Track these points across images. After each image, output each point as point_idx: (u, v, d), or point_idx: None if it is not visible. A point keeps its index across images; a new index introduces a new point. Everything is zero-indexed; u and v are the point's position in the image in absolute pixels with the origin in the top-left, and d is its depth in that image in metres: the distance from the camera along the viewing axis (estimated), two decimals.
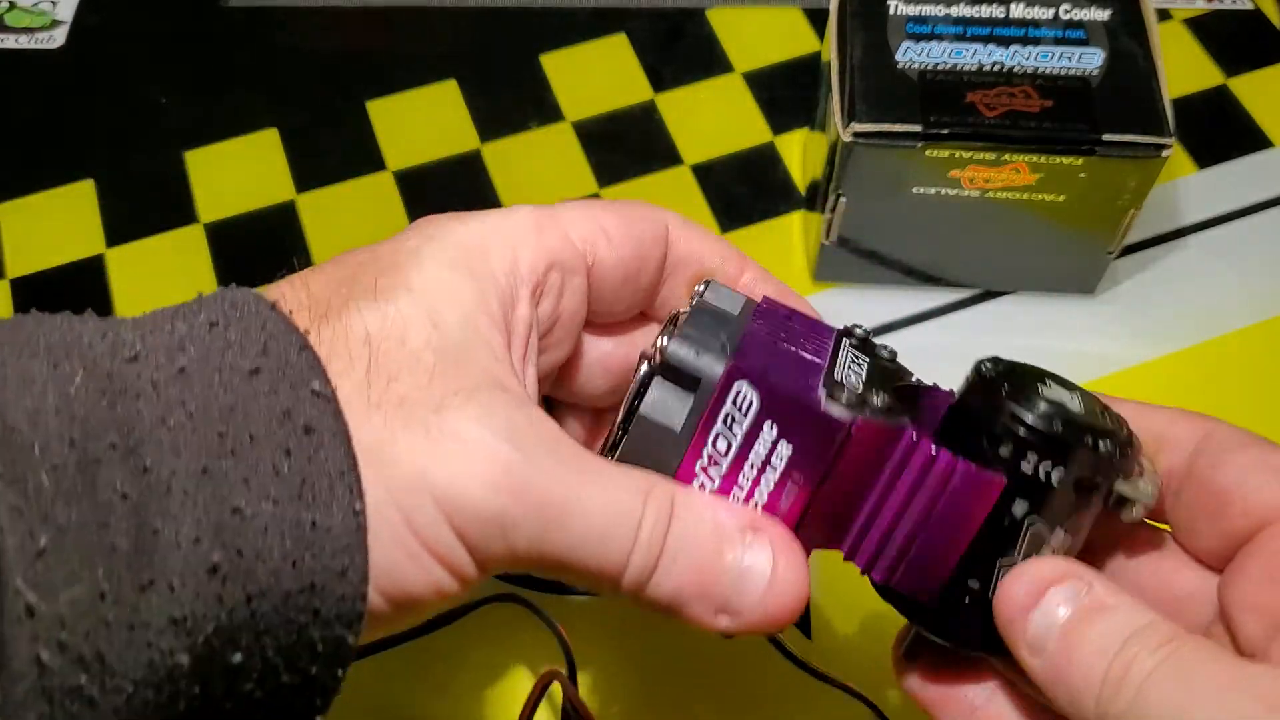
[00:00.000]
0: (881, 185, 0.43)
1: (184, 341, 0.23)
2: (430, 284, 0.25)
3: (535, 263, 0.27)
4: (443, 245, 0.26)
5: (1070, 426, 0.25)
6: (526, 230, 0.27)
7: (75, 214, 0.51)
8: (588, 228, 0.28)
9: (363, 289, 0.25)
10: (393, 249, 0.26)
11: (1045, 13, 0.44)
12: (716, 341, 0.26)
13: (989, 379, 0.26)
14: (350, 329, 0.24)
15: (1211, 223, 0.49)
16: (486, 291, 0.26)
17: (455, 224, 0.27)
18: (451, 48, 0.55)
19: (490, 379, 0.24)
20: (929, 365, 0.46)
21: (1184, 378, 0.46)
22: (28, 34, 0.56)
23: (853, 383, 0.26)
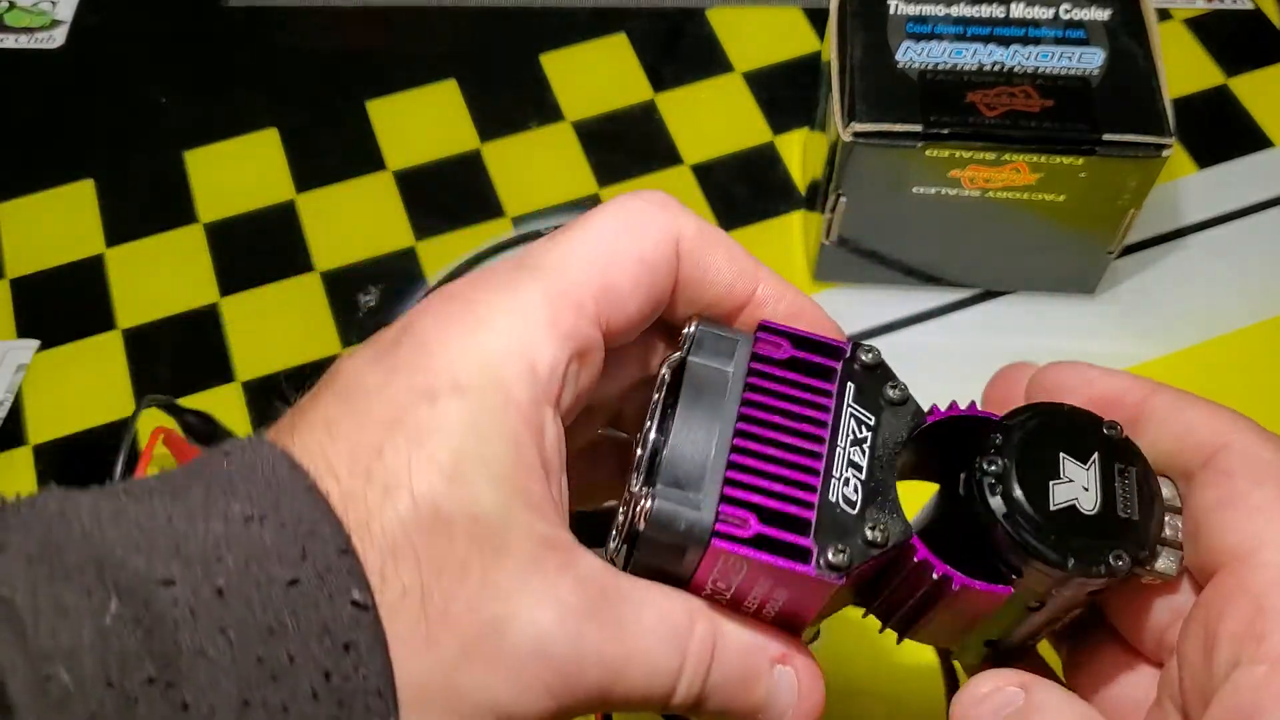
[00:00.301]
0: (881, 185, 0.43)
1: (220, 549, 0.22)
2: (461, 453, 0.23)
3: (555, 366, 0.25)
4: (461, 388, 0.24)
5: (1083, 556, 0.24)
6: (540, 328, 0.25)
7: (75, 214, 0.51)
8: (600, 287, 0.25)
9: (392, 468, 0.23)
10: (409, 396, 0.24)
11: (1045, 12, 0.44)
12: (697, 494, 0.25)
13: (991, 485, 0.25)
14: (385, 521, 0.23)
15: (1212, 223, 0.49)
16: (518, 437, 0.24)
17: (464, 337, 0.24)
18: (451, 47, 0.55)
19: (536, 555, 0.23)
20: (929, 365, 0.46)
21: (1185, 378, 0.45)
22: (27, 34, 0.56)
23: (849, 510, 0.25)
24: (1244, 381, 0.45)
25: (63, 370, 0.47)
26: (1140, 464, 0.25)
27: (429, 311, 0.25)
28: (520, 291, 0.25)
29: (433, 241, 0.50)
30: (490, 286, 0.25)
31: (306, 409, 0.24)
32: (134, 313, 0.48)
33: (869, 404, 0.27)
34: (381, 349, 0.25)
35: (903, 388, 0.27)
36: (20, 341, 0.48)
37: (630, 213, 0.26)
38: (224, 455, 0.23)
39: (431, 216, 0.50)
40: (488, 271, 0.26)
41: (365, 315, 0.48)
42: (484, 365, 0.24)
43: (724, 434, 0.25)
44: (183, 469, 0.24)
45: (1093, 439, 0.26)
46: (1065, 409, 0.26)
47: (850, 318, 0.47)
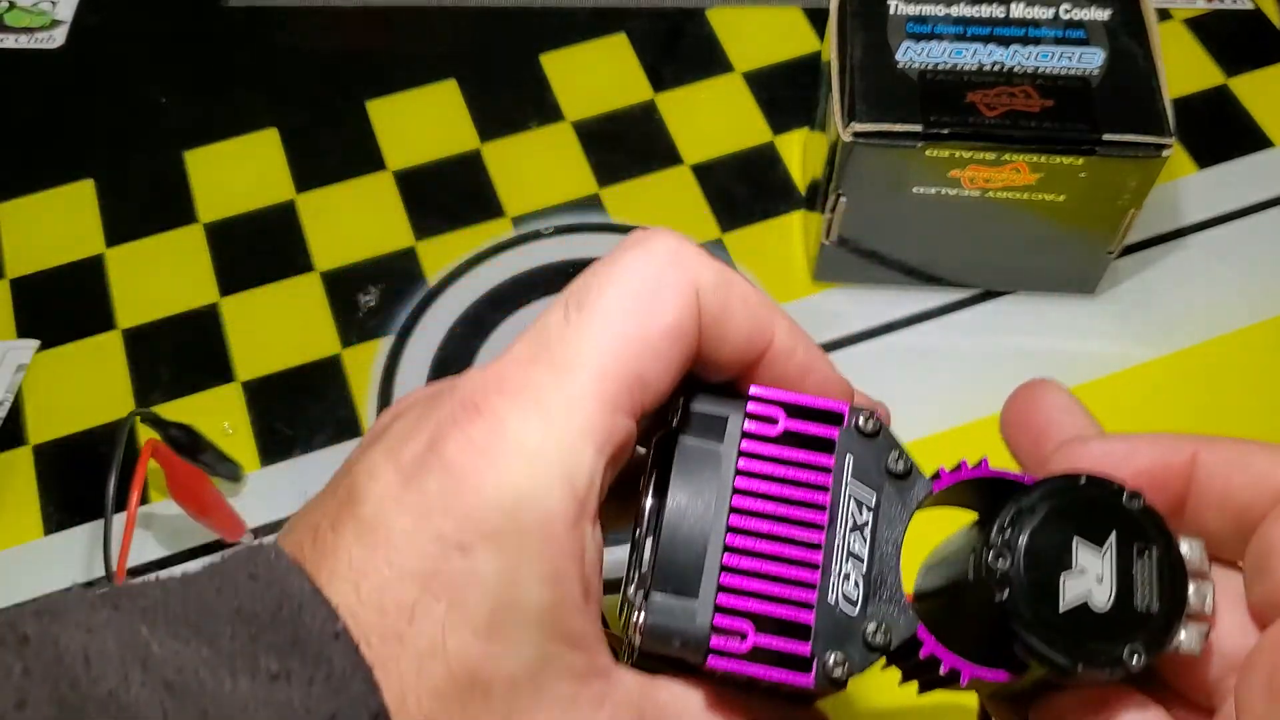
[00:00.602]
0: (881, 185, 0.43)
1: (249, 710, 0.20)
2: (497, 606, 0.22)
3: (594, 477, 0.23)
4: (496, 535, 0.22)
5: (1094, 659, 0.23)
6: (577, 441, 0.23)
7: (75, 214, 0.51)
8: (633, 377, 0.24)
9: (426, 632, 0.22)
10: (441, 547, 0.22)
11: (1045, 12, 0.44)
12: (692, 599, 0.24)
13: (998, 582, 0.24)
14: (421, 694, 0.22)
15: (1212, 223, 0.49)
16: (558, 574, 0.22)
17: (497, 470, 0.22)
18: (451, 47, 0.55)
19: (572, 693, 0.23)
20: (929, 365, 0.46)
21: (1185, 378, 0.46)
22: (27, 34, 0.56)
23: (850, 608, 0.24)
24: (1244, 381, 0.45)
25: (63, 370, 0.47)
26: (1162, 539, 0.24)
27: (455, 434, 0.23)
28: (550, 402, 0.23)
29: (433, 241, 0.50)
30: (518, 397, 0.23)
31: (328, 537, 0.23)
32: (134, 313, 0.48)
33: (869, 479, 0.25)
34: (406, 475, 0.23)
35: (906, 458, 0.26)
36: (20, 341, 0.48)
37: (649, 277, 0.24)
38: (249, 577, 0.22)
39: (431, 216, 0.50)
40: (510, 369, 0.24)
41: (365, 315, 0.48)
42: (520, 503, 0.22)
43: (718, 526, 0.24)
44: (205, 579, 0.22)
45: (1110, 516, 0.24)
46: (1082, 481, 0.24)
47: (850, 318, 0.47)
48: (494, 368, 0.24)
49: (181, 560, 0.43)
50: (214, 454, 0.43)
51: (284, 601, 0.21)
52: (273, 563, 0.22)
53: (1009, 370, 0.46)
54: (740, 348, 0.25)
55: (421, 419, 0.24)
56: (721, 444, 0.25)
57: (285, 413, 0.46)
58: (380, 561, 0.22)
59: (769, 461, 0.25)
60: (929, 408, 0.45)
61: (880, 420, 0.26)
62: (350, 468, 0.24)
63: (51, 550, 0.43)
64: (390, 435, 0.24)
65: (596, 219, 0.50)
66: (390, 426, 0.25)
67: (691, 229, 0.50)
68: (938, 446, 0.44)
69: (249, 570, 0.22)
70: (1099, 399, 0.45)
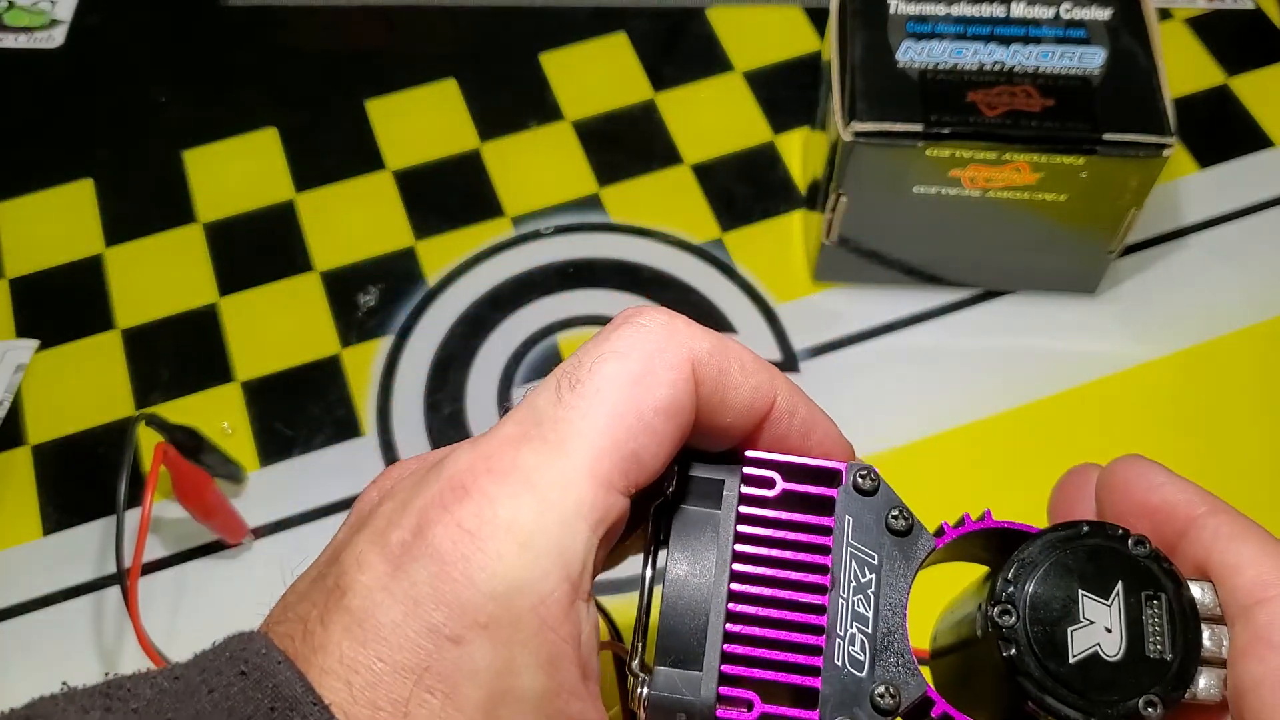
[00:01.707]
0: (882, 184, 0.43)
1: None
2: (492, 697, 0.22)
3: (588, 557, 0.22)
4: (488, 625, 0.22)
5: (1109, 711, 0.23)
6: (570, 523, 0.22)
7: (74, 213, 0.51)
8: (628, 455, 0.23)
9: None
10: (433, 640, 0.21)
11: (1046, 12, 0.44)
12: (696, 670, 0.23)
13: (1004, 640, 0.23)
14: None
15: (1213, 222, 0.49)
16: (553, 659, 0.22)
17: (487, 557, 0.22)
18: (451, 47, 0.55)
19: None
20: (930, 365, 0.46)
21: (1185, 377, 0.46)
22: (26, 33, 0.56)
23: (857, 672, 0.24)
24: (1245, 381, 0.45)
25: (62, 370, 0.47)
26: (1171, 585, 0.24)
27: (443, 519, 0.22)
28: (542, 482, 0.22)
29: (432, 241, 0.50)
30: (508, 478, 0.22)
31: (318, 632, 0.22)
32: (133, 312, 0.48)
33: (870, 538, 0.25)
34: (395, 563, 0.22)
35: (906, 515, 0.25)
36: (19, 341, 0.48)
37: (642, 353, 0.24)
38: (240, 675, 0.21)
39: (431, 216, 0.50)
40: (499, 448, 0.23)
41: (365, 315, 0.48)
42: (513, 589, 0.22)
43: (719, 593, 0.24)
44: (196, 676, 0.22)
45: (1117, 564, 0.24)
46: (1084, 530, 0.24)
47: (850, 318, 0.47)
48: (482, 447, 0.23)
49: (182, 560, 0.43)
50: (216, 456, 0.43)
51: (275, 703, 0.21)
52: (263, 658, 0.22)
53: (1010, 370, 0.46)
54: (741, 414, 0.25)
55: (407, 503, 0.23)
56: (719, 509, 0.25)
57: (285, 412, 0.46)
58: (371, 656, 0.21)
59: (768, 525, 0.25)
60: (929, 408, 0.45)
61: (878, 476, 0.25)
62: (338, 554, 0.23)
63: (50, 550, 0.43)
64: (377, 520, 0.23)
65: (596, 219, 0.50)
66: (377, 509, 0.24)
67: (691, 229, 0.50)
68: (938, 447, 0.44)
69: (240, 667, 0.22)
70: (1100, 399, 0.45)
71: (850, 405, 0.44)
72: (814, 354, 0.46)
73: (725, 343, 0.25)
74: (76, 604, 0.42)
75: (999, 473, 0.44)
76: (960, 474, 0.43)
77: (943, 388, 0.46)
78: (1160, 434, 0.44)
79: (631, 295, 0.48)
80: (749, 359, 0.25)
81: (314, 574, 0.24)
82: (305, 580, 0.24)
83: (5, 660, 0.41)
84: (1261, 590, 0.23)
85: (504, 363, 0.47)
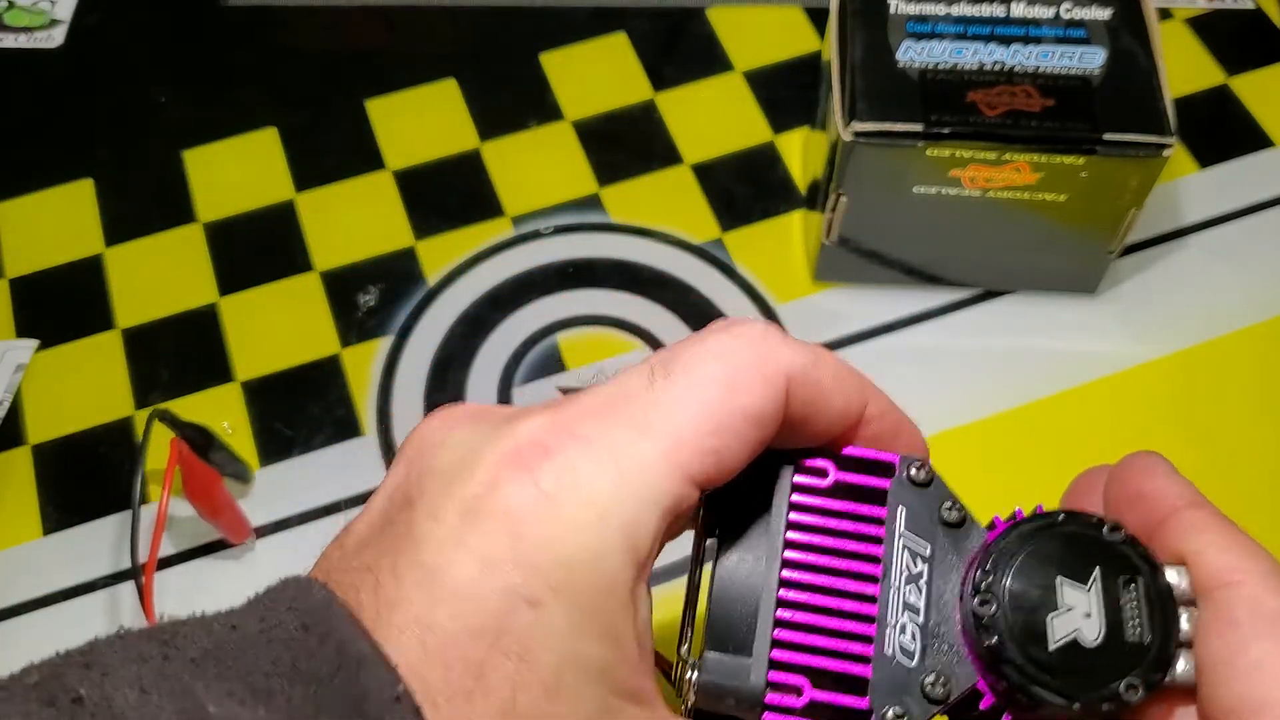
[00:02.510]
0: (882, 184, 0.43)
1: None
2: (562, 661, 0.21)
3: (655, 540, 0.23)
4: (563, 589, 0.21)
5: (1090, 693, 0.23)
6: (645, 504, 0.22)
7: (74, 213, 0.51)
8: (710, 451, 0.23)
9: (496, 688, 0.21)
10: (510, 601, 0.21)
11: (1046, 12, 0.44)
12: (746, 656, 0.24)
13: (984, 629, 0.24)
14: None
15: (1213, 222, 0.49)
16: (617, 631, 0.22)
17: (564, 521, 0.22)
18: (451, 47, 0.55)
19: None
20: (930, 365, 0.46)
21: (1186, 378, 0.46)
22: (26, 33, 0.56)
23: (907, 661, 0.24)
24: (1245, 381, 0.45)
25: (62, 370, 0.47)
26: (1147, 568, 0.24)
27: (522, 477, 0.22)
28: (625, 458, 0.22)
29: (432, 241, 0.50)
30: (592, 446, 0.22)
31: (390, 585, 0.22)
32: (133, 312, 0.48)
33: (923, 529, 0.25)
34: (469, 518, 0.22)
35: (960, 507, 0.25)
36: (19, 341, 0.48)
37: (740, 360, 0.24)
38: (303, 629, 0.21)
39: (431, 216, 0.50)
40: (583, 417, 0.23)
41: (365, 315, 0.48)
42: (587, 561, 0.22)
43: (770, 581, 0.24)
44: (254, 625, 0.21)
45: (1093, 550, 0.24)
46: (1060, 518, 0.25)
47: (850, 317, 0.47)
48: (565, 411, 0.23)
49: (183, 560, 0.43)
50: (225, 454, 0.43)
51: (342, 661, 0.21)
52: (326, 611, 0.21)
53: (1010, 370, 0.46)
54: (834, 422, 0.25)
55: (479, 453, 0.23)
56: (773, 497, 0.25)
57: (285, 412, 0.46)
58: (445, 615, 0.21)
59: (820, 514, 0.25)
60: (930, 408, 0.45)
61: (931, 470, 0.25)
62: (407, 499, 0.23)
63: (50, 550, 0.43)
64: (444, 465, 0.23)
65: (596, 219, 0.50)
66: (441, 452, 0.23)
67: (692, 228, 0.50)
68: (939, 447, 0.44)
69: (301, 619, 0.21)
70: (1100, 399, 0.45)
71: None
72: None
73: (819, 356, 0.25)
74: (77, 604, 0.42)
75: (999, 472, 0.44)
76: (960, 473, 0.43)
77: (943, 387, 0.46)
78: (1160, 434, 0.44)
79: (631, 295, 0.48)
80: (843, 371, 0.25)
81: (377, 519, 0.23)
82: (365, 524, 0.24)
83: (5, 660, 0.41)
84: (1227, 574, 0.24)
85: (504, 363, 0.47)
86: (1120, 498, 0.26)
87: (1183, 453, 0.43)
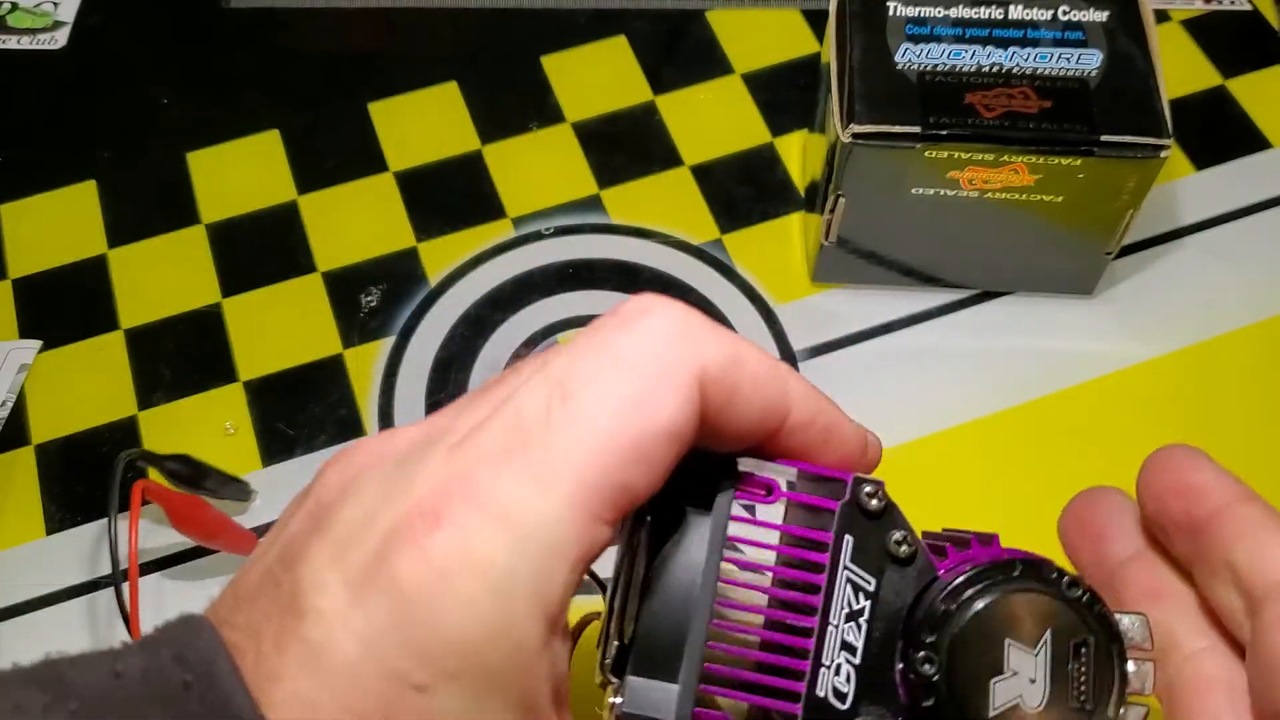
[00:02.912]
0: (881, 186, 0.43)
1: None
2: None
3: (567, 592, 0.21)
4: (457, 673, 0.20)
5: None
6: (551, 559, 0.20)
7: (77, 214, 0.51)
8: (618, 486, 0.21)
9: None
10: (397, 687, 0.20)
11: (1044, 14, 0.44)
12: (671, 683, 0.22)
13: (924, 689, 0.22)
14: None
15: (1210, 223, 0.49)
16: (526, 701, 0.21)
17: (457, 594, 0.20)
18: (453, 49, 0.55)
19: None
20: (928, 366, 0.46)
21: (1183, 378, 0.46)
22: (30, 35, 0.56)
23: (839, 704, 0.23)
24: (1242, 382, 0.46)
25: (65, 371, 0.47)
26: (1101, 628, 0.23)
27: (410, 550, 0.20)
28: (522, 517, 0.20)
29: (434, 243, 0.50)
30: (485, 510, 0.20)
31: (272, 658, 0.20)
32: (136, 313, 0.49)
33: (869, 562, 0.23)
34: (355, 592, 0.20)
35: (911, 541, 0.23)
36: (23, 342, 0.48)
37: (646, 367, 0.21)
38: (185, 687, 0.20)
39: (433, 217, 0.51)
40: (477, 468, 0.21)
41: (366, 315, 0.48)
42: (486, 637, 0.20)
43: (702, 606, 0.22)
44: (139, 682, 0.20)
45: (1047, 611, 0.23)
46: (1017, 570, 0.23)
47: (849, 318, 0.47)
48: (458, 461, 0.21)
49: (183, 560, 0.43)
50: (217, 478, 0.42)
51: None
52: (210, 670, 0.20)
53: (1007, 371, 0.46)
54: (750, 429, 0.23)
55: (373, 517, 0.21)
56: (710, 514, 0.23)
57: (287, 413, 0.46)
58: (327, 697, 0.20)
59: (761, 538, 0.23)
60: (927, 408, 0.45)
61: (886, 498, 0.23)
62: (293, 557, 0.21)
63: (53, 550, 0.43)
64: (337, 527, 0.21)
65: (597, 220, 0.50)
66: (337, 510, 0.22)
67: (691, 230, 0.50)
68: (936, 447, 0.44)
69: (184, 674, 0.20)
70: (1097, 399, 0.45)
71: (849, 405, 0.44)
72: (813, 354, 0.47)
73: (738, 351, 0.22)
74: (79, 603, 0.42)
75: (996, 472, 0.44)
76: (958, 474, 0.43)
77: (940, 388, 0.46)
78: (1158, 434, 0.44)
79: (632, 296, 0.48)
80: (763, 371, 0.23)
81: (266, 574, 0.22)
82: (257, 573, 0.22)
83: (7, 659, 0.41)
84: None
85: (505, 363, 0.47)
86: (1164, 490, 0.25)
87: None
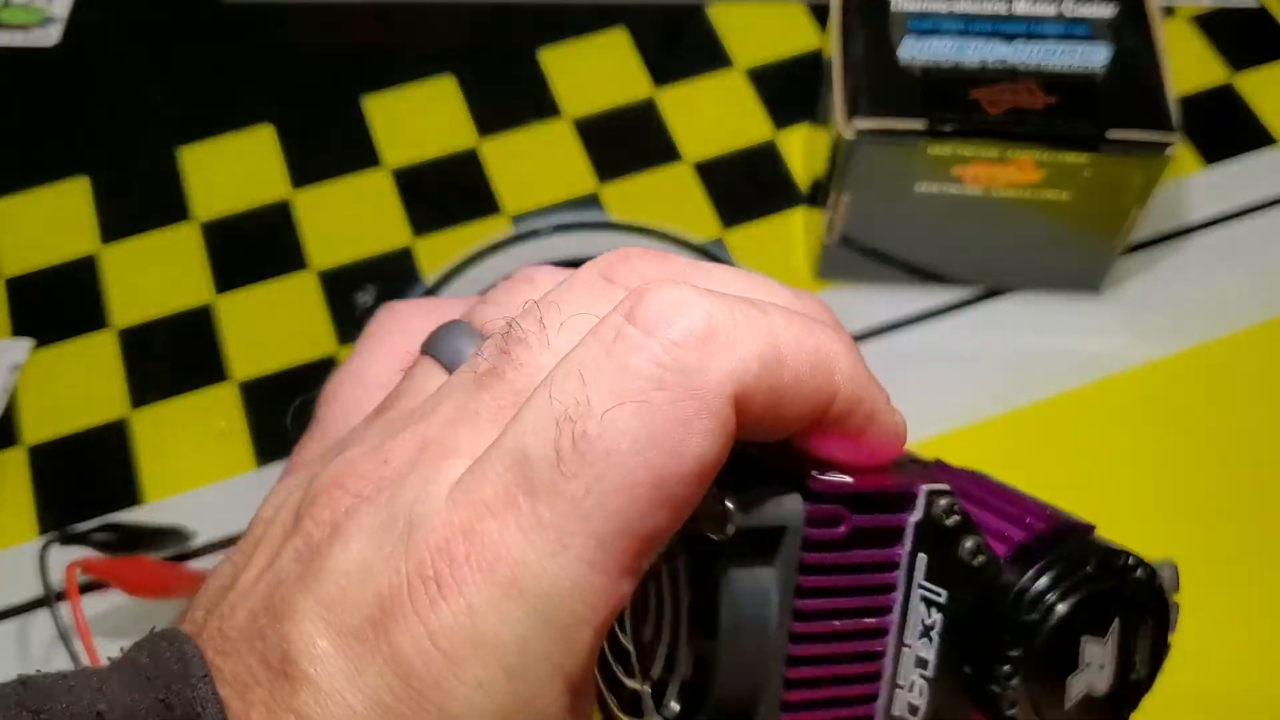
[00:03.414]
0: (884, 182, 0.43)
1: None
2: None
3: (593, 656, 0.19)
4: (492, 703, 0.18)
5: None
6: (583, 624, 0.18)
7: (70, 211, 0.51)
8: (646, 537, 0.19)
9: None
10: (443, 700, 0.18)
11: (1049, 9, 0.43)
12: None
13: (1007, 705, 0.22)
14: None
15: (1217, 220, 0.49)
16: None
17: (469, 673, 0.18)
18: (449, 43, 0.55)
19: None
20: (933, 365, 0.46)
21: (1191, 377, 0.45)
22: (22, 31, 0.56)
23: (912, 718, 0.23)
24: (1251, 380, 0.45)
25: (58, 369, 0.47)
26: (1159, 607, 0.23)
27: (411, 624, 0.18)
28: (535, 589, 0.18)
29: (430, 239, 0.49)
30: (493, 576, 0.18)
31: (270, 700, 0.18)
32: (129, 311, 0.48)
33: (939, 574, 0.22)
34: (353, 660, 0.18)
35: (983, 548, 0.23)
36: (15, 340, 0.47)
37: (670, 396, 0.18)
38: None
39: (429, 214, 0.50)
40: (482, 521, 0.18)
41: (362, 314, 0.48)
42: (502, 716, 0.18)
43: (778, 640, 0.21)
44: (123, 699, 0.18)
45: (1117, 596, 0.23)
46: (1090, 566, 0.23)
47: (853, 316, 0.47)
48: (461, 509, 0.18)
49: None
50: (149, 533, 0.42)
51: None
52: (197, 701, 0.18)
53: (1013, 369, 0.46)
54: (785, 430, 0.21)
55: (368, 567, 0.19)
56: (777, 566, 0.21)
57: (281, 412, 0.46)
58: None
59: (833, 573, 0.22)
60: (932, 408, 0.45)
61: (960, 510, 0.22)
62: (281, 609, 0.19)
63: None
64: (327, 582, 0.19)
65: (596, 217, 0.50)
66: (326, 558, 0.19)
67: (692, 227, 0.49)
68: (942, 448, 0.44)
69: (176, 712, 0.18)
70: (1105, 398, 0.45)
71: None
72: None
73: (778, 351, 0.19)
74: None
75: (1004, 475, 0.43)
76: None
77: (946, 387, 0.45)
78: (1165, 434, 0.44)
79: None
80: (805, 365, 0.20)
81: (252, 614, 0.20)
82: (243, 611, 0.20)
83: (10, 659, 0.41)
84: None
85: None
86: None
87: (1187, 452, 0.43)
